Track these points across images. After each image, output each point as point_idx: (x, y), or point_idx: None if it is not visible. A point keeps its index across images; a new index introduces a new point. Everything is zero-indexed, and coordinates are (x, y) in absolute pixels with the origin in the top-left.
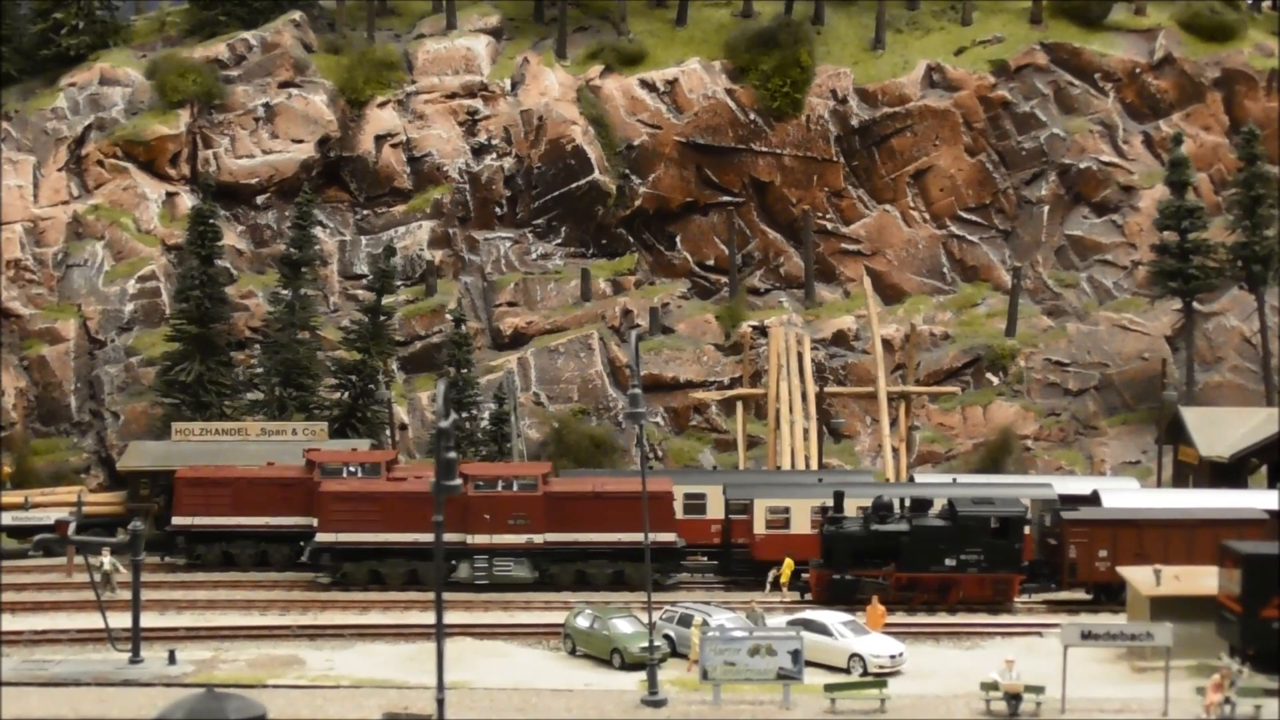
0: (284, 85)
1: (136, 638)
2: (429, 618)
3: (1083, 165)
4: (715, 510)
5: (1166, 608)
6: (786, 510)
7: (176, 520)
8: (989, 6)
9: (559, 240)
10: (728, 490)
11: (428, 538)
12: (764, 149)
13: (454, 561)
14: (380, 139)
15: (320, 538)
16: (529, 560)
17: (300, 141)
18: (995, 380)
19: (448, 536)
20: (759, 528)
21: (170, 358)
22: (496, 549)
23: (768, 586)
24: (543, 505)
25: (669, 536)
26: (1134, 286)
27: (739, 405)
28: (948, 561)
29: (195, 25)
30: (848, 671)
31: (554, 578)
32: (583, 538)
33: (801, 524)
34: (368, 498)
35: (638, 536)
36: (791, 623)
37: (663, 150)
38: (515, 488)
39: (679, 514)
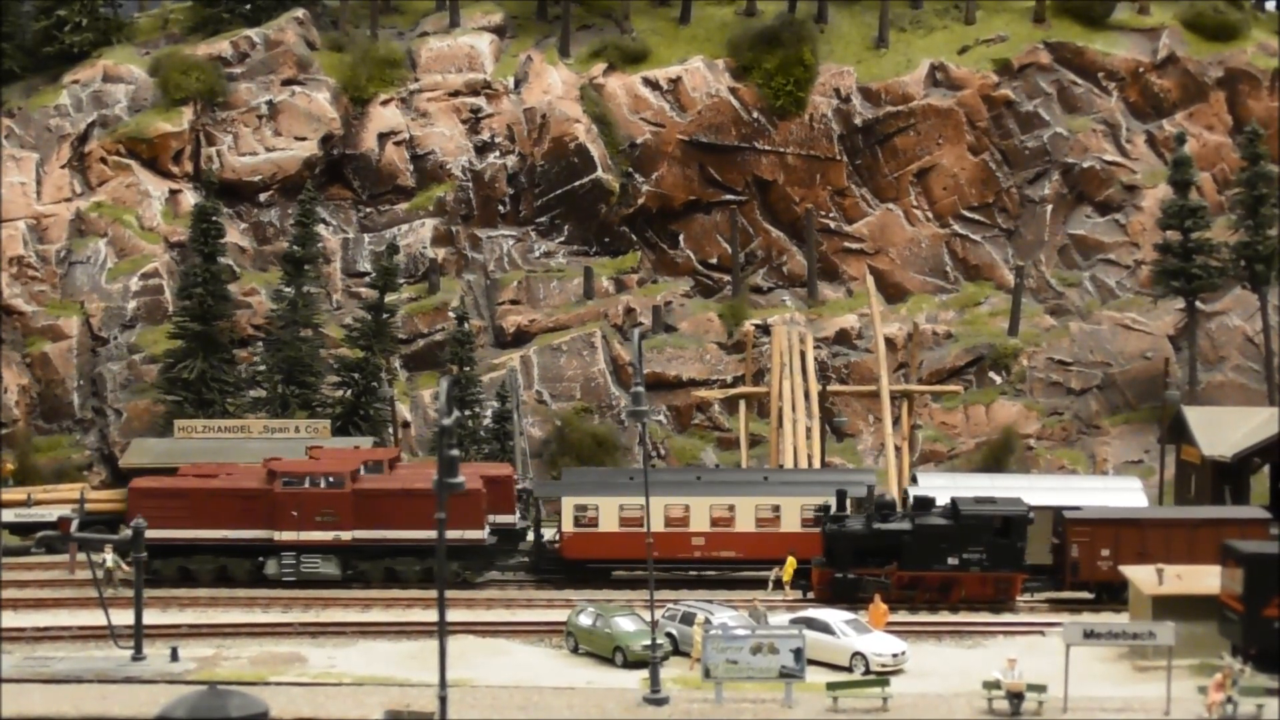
0: (287, 83)
1: (139, 635)
2: (431, 615)
3: (1086, 164)
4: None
5: (1169, 607)
6: (595, 509)
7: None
8: (992, 5)
9: (562, 238)
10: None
11: (236, 534)
12: (767, 147)
13: (261, 559)
14: (383, 137)
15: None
16: (337, 557)
17: (303, 139)
18: (998, 379)
19: (253, 534)
20: (567, 526)
21: (173, 355)
22: (304, 546)
23: (770, 585)
24: (351, 502)
25: (478, 534)
26: (1137, 286)
27: (741, 404)
28: (950, 560)
29: (198, 22)
30: (850, 670)
31: (363, 574)
32: (392, 535)
33: (610, 522)
34: (176, 495)
35: (448, 533)
36: (794, 621)
37: (666, 148)
38: (323, 484)
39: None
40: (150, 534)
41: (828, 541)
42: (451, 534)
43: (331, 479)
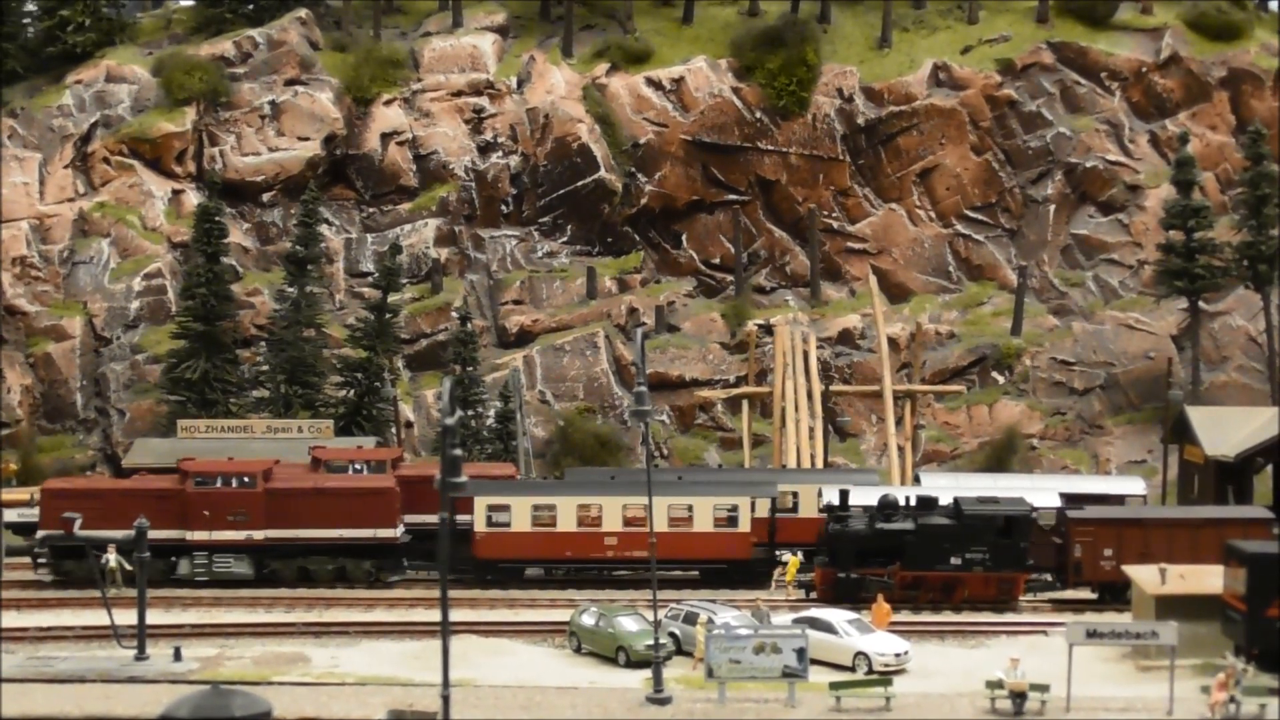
0: (290, 83)
1: (142, 634)
2: (434, 615)
3: (1089, 164)
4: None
5: (1171, 607)
6: (508, 509)
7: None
8: (995, 6)
9: (565, 238)
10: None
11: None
12: (770, 147)
13: (174, 559)
14: (386, 137)
15: (41, 534)
16: (249, 557)
17: (306, 139)
18: (1001, 379)
19: (165, 534)
20: (480, 526)
21: (176, 355)
22: (216, 545)
23: (772, 585)
24: (263, 501)
25: (391, 533)
26: (1140, 286)
27: (744, 404)
28: (953, 560)
29: (201, 23)
30: (853, 670)
31: (275, 574)
32: (304, 534)
33: (523, 522)
34: (89, 495)
35: (360, 532)
36: (797, 621)
37: (668, 149)
38: (234, 484)
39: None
40: (57, 534)
41: (830, 541)
42: (362, 533)
43: (243, 479)
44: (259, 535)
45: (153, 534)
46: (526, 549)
